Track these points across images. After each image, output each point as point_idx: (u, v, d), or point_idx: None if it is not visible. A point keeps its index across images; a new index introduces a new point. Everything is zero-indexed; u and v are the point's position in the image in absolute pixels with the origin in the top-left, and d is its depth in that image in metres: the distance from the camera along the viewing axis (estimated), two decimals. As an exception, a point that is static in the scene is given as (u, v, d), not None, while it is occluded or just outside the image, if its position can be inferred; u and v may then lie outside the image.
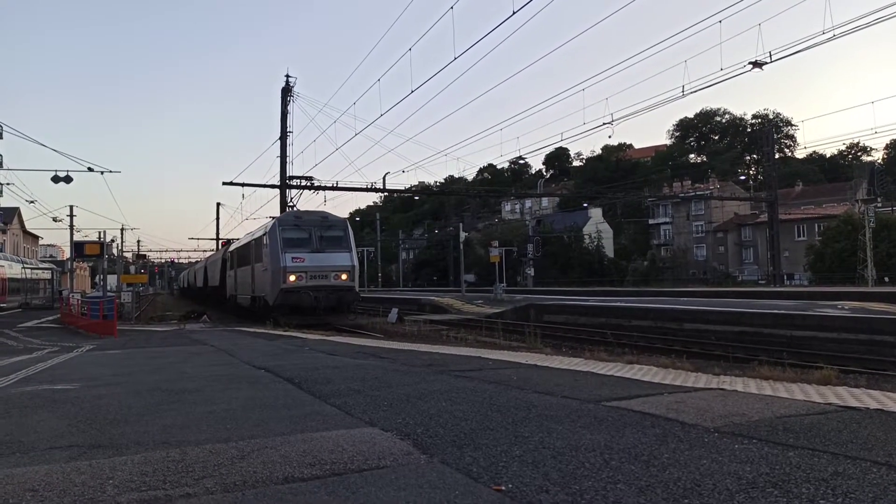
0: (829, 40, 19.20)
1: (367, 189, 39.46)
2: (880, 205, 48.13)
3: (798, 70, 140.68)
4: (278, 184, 35.50)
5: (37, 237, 67.39)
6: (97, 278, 56.35)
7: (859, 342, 13.71)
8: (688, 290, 37.08)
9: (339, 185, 36.78)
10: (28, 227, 61.17)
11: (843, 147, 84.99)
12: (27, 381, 7.68)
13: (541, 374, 6.84)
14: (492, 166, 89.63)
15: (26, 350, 13.37)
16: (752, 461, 3.15)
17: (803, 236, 59.40)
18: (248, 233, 27.69)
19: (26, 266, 45.18)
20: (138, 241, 71.95)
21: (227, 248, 32.44)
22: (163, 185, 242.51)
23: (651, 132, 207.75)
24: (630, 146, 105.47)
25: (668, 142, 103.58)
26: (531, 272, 60.00)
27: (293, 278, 19.81)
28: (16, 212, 54.62)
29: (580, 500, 2.66)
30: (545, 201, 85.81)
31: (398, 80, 40.13)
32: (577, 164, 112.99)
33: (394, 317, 26.10)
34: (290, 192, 33.93)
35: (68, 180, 24.24)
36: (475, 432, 4.01)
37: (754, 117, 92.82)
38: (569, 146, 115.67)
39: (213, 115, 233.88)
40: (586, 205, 75.63)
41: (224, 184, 35.94)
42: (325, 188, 35.25)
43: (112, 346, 13.64)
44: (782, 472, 2.95)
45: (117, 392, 6.50)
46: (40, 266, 52.48)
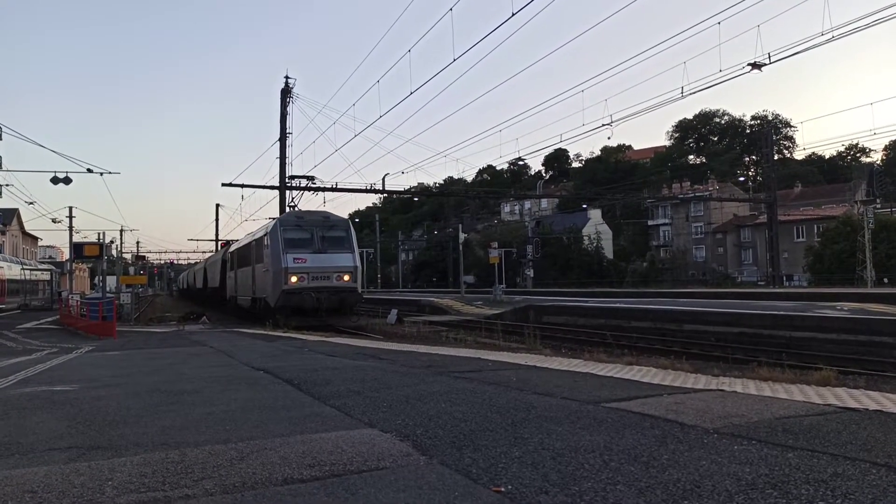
0: (828, 41, 19.29)
1: (366, 190, 39.48)
2: (879, 206, 48.22)
3: (797, 71, 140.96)
4: (278, 185, 35.52)
5: (36, 238, 67.36)
6: (96, 279, 56.31)
7: (858, 343, 13.72)
8: (687, 291, 37.13)
9: (338, 187, 36.78)
10: (27, 228, 61.16)
11: (843, 148, 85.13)
12: (26, 383, 7.68)
13: (540, 375, 6.84)
14: (491, 167, 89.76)
15: (25, 351, 13.37)
16: (751, 462, 3.15)
17: (802, 237, 59.42)
18: (249, 233, 27.45)
19: (25, 267, 45.19)
20: (137, 243, 72.16)
21: (227, 249, 32.08)
22: (162, 186, 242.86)
23: (650, 133, 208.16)
24: (629, 147, 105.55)
25: (667, 143, 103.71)
26: (530, 273, 59.99)
27: (295, 279, 19.57)
28: (15, 213, 54.59)
29: (580, 502, 2.66)
30: (544, 202, 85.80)
31: (398, 82, 40.17)
32: (576, 165, 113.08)
33: (393, 318, 26.11)
34: (291, 192, 33.89)
35: (67, 181, 24.21)
36: (475, 433, 4.01)
37: (753, 118, 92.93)
38: (568, 147, 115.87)
39: (213, 115, 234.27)
40: (585, 206, 75.68)
41: (223, 185, 36.01)
42: (324, 189, 35.26)
43: (111, 348, 13.64)
44: (782, 474, 2.95)
45: (116, 393, 6.50)
46: (39, 267, 52.49)
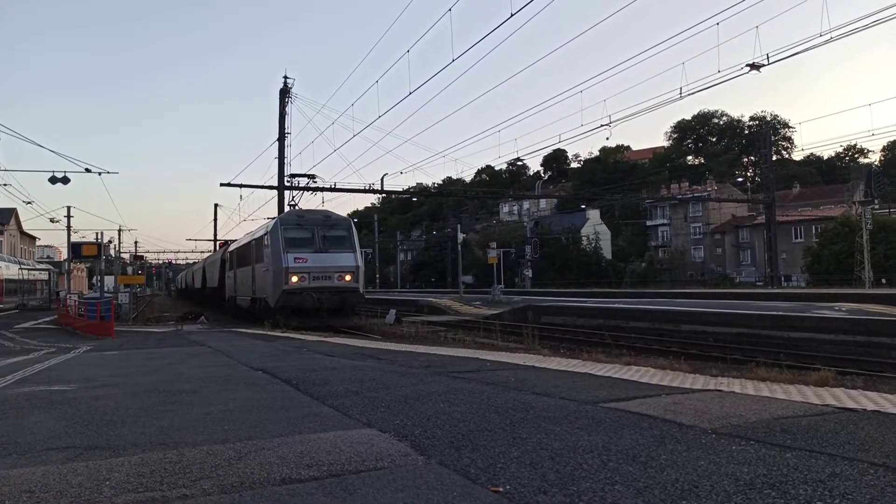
0: (826, 42, 19.32)
1: (365, 190, 39.49)
2: (877, 207, 48.29)
3: (795, 72, 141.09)
4: (276, 185, 35.51)
5: (34, 238, 67.21)
6: (94, 279, 56.28)
7: (857, 344, 13.74)
8: (685, 292, 37.16)
9: (337, 187, 36.78)
10: (25, 227, 61.01)
11: (841, 149, 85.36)
12: (24, 383, 7.67)
13: (539, 375, 6.84)
14: (490, 167, 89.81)
15: (23, 351, 13.35)
16: (749, 462, 3.15)
17: (801, 238, 59.49)
18: (248, 232, 27.18)
19: (23, 267, 45.13)
20: (136, 242, 71.96)
21: (227, 249, 31.79)
22: (161, 185, 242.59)
23: (649, 134, 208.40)
24: (628, 148, 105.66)
25: (665, 143, 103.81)
26: (529, 273, 59.98)
27: (295, 279, 19.34)
28: (13, 212, 54.47)
29: (578, 502, 2.66)
30: (543, 203, 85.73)
31: (397, 82, 40.14)
32: (574, 165, 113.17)
33: (392, 318, 26.10)
34: (290, 192, 33.86)
35: (66, 181, 24.16)
36: (473, 433, 4.01)
37: (752, 119, 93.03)
38: (567, 148, 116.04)
39: (212, 115, 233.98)
40: (584, 206, 75.66)
41: (222, 185, 35.98)
42: (323, 189, 35.25)
43: (109, 347, 13.62)
44: (780, 474, 2.95)
45: (114, 393, 6.49)
46: (37, 267, 52.43)
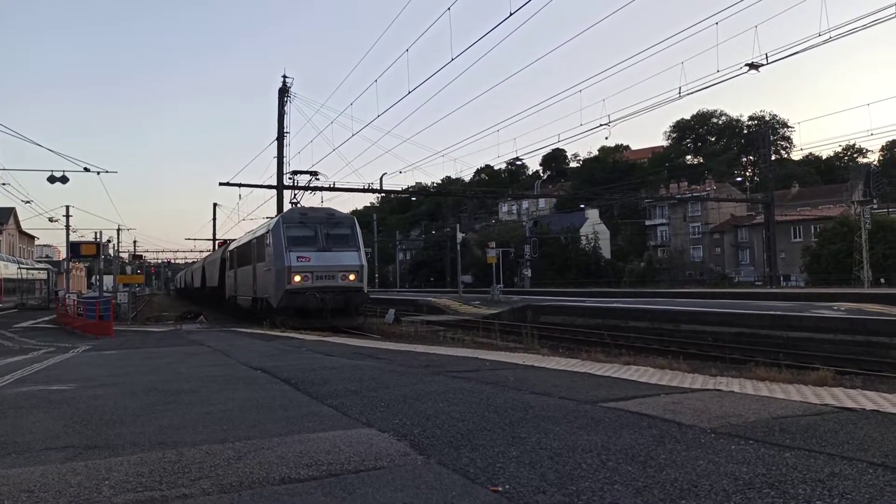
0: (825, 42, 19.30)
1: (364, 190, 39.49)
2: (876, 206, 48.36)
3: (794, 72, 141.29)
4: (275, 184, 35.48)
5: (33, 237, 67.13)
6: (93, 279, 56.22)
7: (856, 343, 13.76)
8: (684, 291, 37.19)
9: (336, 186, 36.76)
10: (24, 227, 60.92)
11: (840, 149, 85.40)
12: (23, 382, 7.66)
13: (538, 374, 6.85)
14: (489, 167, 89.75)
15: (22, 350, 13.34)
16: (748, 462, 3.16)
17: (799, 238, 59.52)
18: (249, 231, 26.83)
19: (22, 266, 45.13)
20: (135, 242, 71.98)
21: (227, 248, 31.46)
22: (160, 185, 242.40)
23: (648, 133, 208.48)
24: (627, 147, 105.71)
25: (664, 143, 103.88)
26: (528, 273, 59.95)
27: (298, 279, 18.93)
28: (12, 212, 54.41)
29: (577, 501, 2.66)
30: (542, 202, 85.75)
31: (396, 81, 40.08)
32: (574, 165, 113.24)
33: (391, 317, 26.09)
34: (293, 190, 33.81)
35: (64, 180, 24.09)
36: (472, 433, 4.01)
37: (751, 119, 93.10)
38: (566, 147, 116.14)
39: (212, 115, 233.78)
40: (583, 206, 75.71)
41: (220, 184, 35.96)
42: (322, 189, 35.20)
43: (108, 347, 13.61)
44: (779, 473, 2.95)
45: (113, 393, 6.49)
46: (36, 266, 52.42)
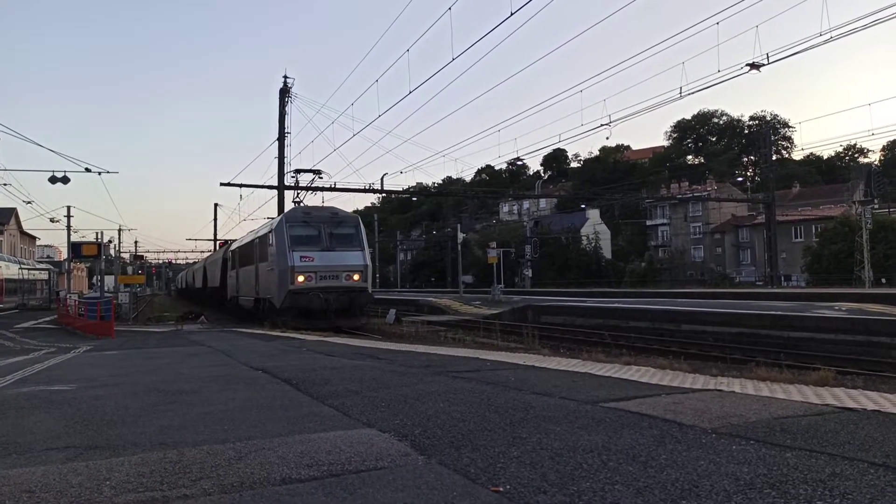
0: (826, 42, 19.29)
1: (365, 190, 39.54)
2: (877, 206, 48.32)
3: (795, 72, 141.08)
4: (276, 184, 35.50)
5: (34, 238, 67.20)
6: (94, 279, 56.29)
7: (856, 343, 13.75)
8: (685, 292, 37.20)
9: (337, 187, 36.80)
10: (25, 227, 60.99)
11: (841, 149, 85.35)
12: (24, 382, 7.67)
13: (538, 375, 6.84)
14: (490, 167, 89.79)
15: (23, 351, 13.35)
16: (749, 462, 3.15)
17: (800, 238, 59.48)
18: (252, 231, 26.68)
19: (23, 267, 45.13)
20: (136, 242, 71.91)
21: (229, 248, 31.26)
22: (161, 185, 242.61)
23: (649, 133, 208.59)
24: (628, 147, 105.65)
25: (665, 143, 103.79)
26: (529, 273, 59.96)
27: (302, 279, 18.75)
28: (13, 212, 54.46)
29: (578, 501, 2.66)
30: (543, 202, 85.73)
31: (396, 81, 40.11)
32: (574, 165, 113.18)
33: (391, 318, 26.09)
34: (296, 190, 33.78)
35: (66, 181, 24.12)
36: (473, 433, 4.01)
37: (752, 119, 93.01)
38: (567, 147, 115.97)
39: (212, 115, 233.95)
40: (584, 206, 75.69)
41: (221, 184, 36.05)
42: (323, 189, 35.24)
43: (109, 347, 13.62)
44: (780, 473, 2.95)
45: (114, 393, 6.49)
46: (37, 267, 52.41)
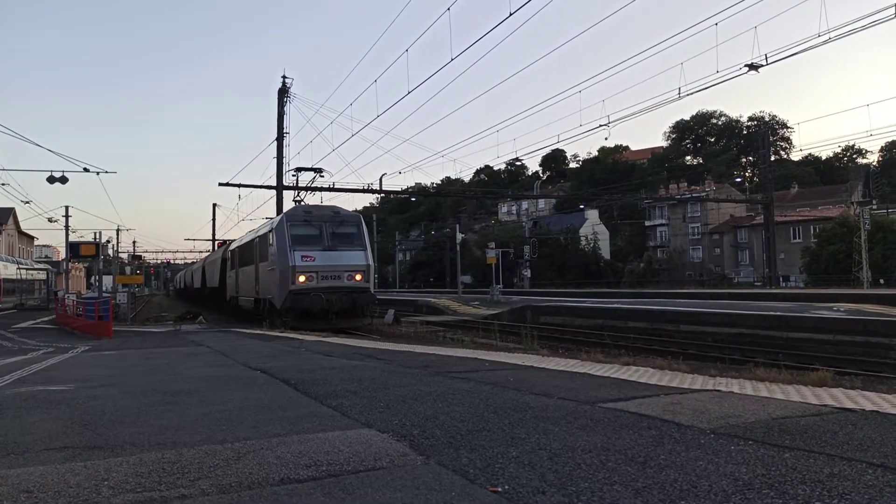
0: (824, 43, 19.37)
1: (363, 190, 39.59)
2: (875, 207, 48.39)
3: (794, 73, 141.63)
4: (275, 184, 35.48)
5: (32, 238, 67.14)
6: (93, 279, 56.18)
7: (855, 344, 13.75)
8: (684, 292, 37.24)
9: (336, 187, 36.81)
10: (23, 227, 60.92)
11: (839, 149, 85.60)
12: (22, 382, 7.65)
13: (537, 375, 6.84)
14: (488, 168, 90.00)
15: (21, 351, 13.33)
16: (748, 462, 3.15)
17: (799, 238, 59.55)
18: (251, 230, 26.34)
19: (21, 266, 45.11)
20: (134, 242, 71.82)
21: (228, 247, 30.94)
22: (160, 185, 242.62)
23: (647, 134, 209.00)
24: (626, 148, 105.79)
25: (664, 144, 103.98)
26: (527, 274, 59.94)
27: (303, 279, 18.51)
28: (11, 212, 54.43)
29: (577, 502, 2.66)
30: (542, 203, 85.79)
31: (395, 82, 40.12)
32: (573, 165, 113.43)
33: (390, 318, 26.05)
34: (296, 190, 33.75)
35: (64, 181, 24.06)
36: (472, 433, 4.01)
37: (750, 119, 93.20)
38: (565, 148, 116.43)
39: (212, 115, 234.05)
40: (583, 206, 75.74)
41: (220, 185, 35.97)
42: (322, 189, 35.26)
43: (107, 347, 13.60)
44: (778, 474, 2.95)
45: (112, 393, 6.48)
46: (35, 267, 52.39)
